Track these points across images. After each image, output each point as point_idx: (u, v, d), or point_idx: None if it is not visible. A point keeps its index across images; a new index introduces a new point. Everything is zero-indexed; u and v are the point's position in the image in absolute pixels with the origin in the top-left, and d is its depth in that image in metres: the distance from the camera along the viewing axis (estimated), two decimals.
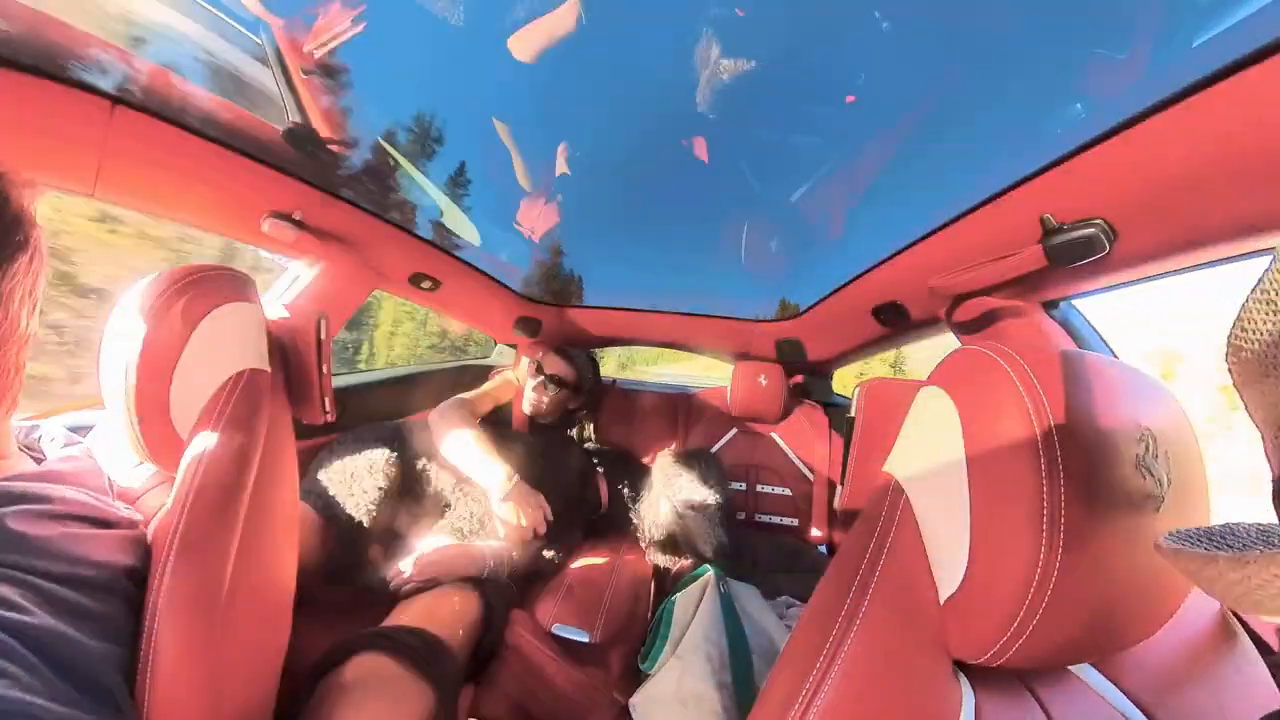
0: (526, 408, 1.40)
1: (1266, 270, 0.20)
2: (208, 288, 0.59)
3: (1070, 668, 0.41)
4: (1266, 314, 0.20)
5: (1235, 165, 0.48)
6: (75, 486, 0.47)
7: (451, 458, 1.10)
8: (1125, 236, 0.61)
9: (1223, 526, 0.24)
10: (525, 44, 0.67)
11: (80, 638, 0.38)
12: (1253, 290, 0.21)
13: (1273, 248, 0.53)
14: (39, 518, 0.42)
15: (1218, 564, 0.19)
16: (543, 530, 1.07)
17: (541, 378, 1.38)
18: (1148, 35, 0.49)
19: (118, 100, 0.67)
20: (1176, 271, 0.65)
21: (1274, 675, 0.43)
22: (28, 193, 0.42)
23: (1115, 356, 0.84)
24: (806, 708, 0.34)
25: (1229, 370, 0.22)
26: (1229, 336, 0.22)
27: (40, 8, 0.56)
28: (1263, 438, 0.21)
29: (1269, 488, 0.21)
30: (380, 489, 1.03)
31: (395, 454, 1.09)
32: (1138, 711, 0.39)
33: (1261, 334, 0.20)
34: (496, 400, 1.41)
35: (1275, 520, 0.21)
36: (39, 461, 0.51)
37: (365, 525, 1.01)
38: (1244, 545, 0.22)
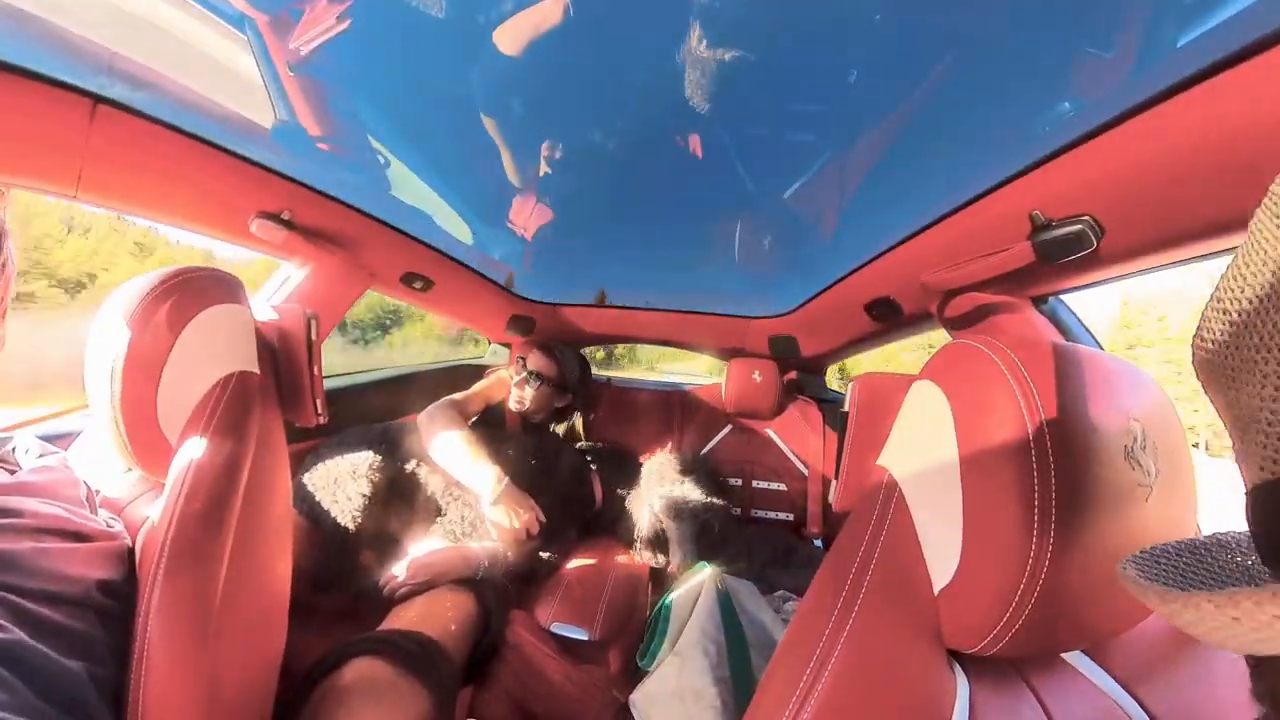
0: (513, 405, 1.40)
1: (1221, 277, 0.21)
2: (193, 290, 0.58)
3: (1062, 654, 0.42)
4: (1220, 320, 0.20)
5: (1219, 162, 0.49)
6: (48, 499, 0.46)
7: (440, 461, 1.09)
8: (1112, 232, 0.62)
9: (1209, 539, 0.24)
10: (511, 37, 0.67)
11: (56, 655, 0.38)
12: (1210, 298, 0.21)
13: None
14: (12, 532, 0.41)
15: (1199, 607, 0.16)
16: (535, 532, 1.06)
17: (523, 374, 1.38)
18: (1133, 35, 0.50)
19: (100, 99, 0.65)
20: (1162, 267, 0.66)
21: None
22: None
23: (1102, 350, 0.86)
24: (804, 699, 0.35)
25: (1198, 377, 0.23)
26: (1192, 343, 0.23)
27: (18, 4, 0.55)
28: (1233, 443, 0.21)
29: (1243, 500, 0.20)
30: (364, 495, 1.01)
31: (381, 458, 1.08)
32: (1128, 696, 0.40)
33: (1217, 338, 0.21)
34: (488, 400, 1.40)
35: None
36: (12, 473, 0.49)
37: (351, 531, 1.00)
38: (1231, 574, 0.21)
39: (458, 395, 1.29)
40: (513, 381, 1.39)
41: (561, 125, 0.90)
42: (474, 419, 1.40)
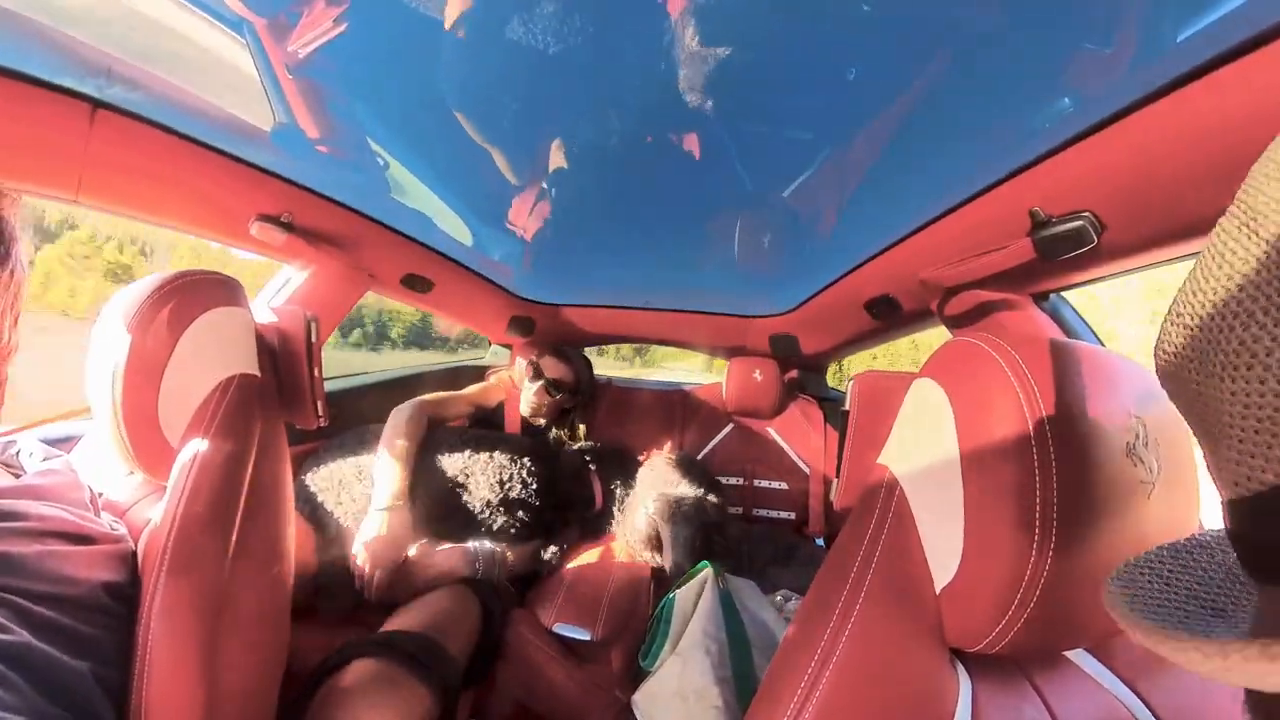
0: (525, 410, 1.39)
1: (1180, 289, 0.20)
2: (193, 293, 0.58)
3: (1065, 652, 0.42)
4: (1180, 333, 0.20)
5: (1221, 156, 0.48)
6: (54, 502, 0.47)
7: (379, 456, 1.02)
8: (1113, 229, 0.62)
9: (1190, 541, 0.23)
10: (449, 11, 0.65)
11: (63, 657, 0.38)
12: (1169, 310, 0.21)
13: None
14: (17, 535, 0.41)
15: (1187, 654, 0.16)
16: (376, 577, 0.89)
17: (541, 382, 1.38)
18: (1133, 29, 0.49)
19: (99, 104, 0.65)
20: (1163, 263, 0.66)
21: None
22: (7, 204, 0.42)
23: (1103, 346, 0.85)
24: (806, 698, 0.35)
25: (1163, 385, 0.22)
26: (1154, 353, 0.22)
27: (18, 9, 0.55)
28: (1204, 454, 0.20)
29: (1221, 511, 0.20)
30: (369, 496, 1.02)
31: None
32: (1131, 693, 0.40)
33: (1180, 351, 0.20)
34: (480, 403, 1.39)
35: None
36: (17, 477, 0.50)
37: (355, 533, 1.00)
38: (1216, 578, 0.21)
39: (438, 395, 1.25)
40: (528, 389, 1.38)
41: (559, 125, 0.90)
42: (473, 420, 1.40)
